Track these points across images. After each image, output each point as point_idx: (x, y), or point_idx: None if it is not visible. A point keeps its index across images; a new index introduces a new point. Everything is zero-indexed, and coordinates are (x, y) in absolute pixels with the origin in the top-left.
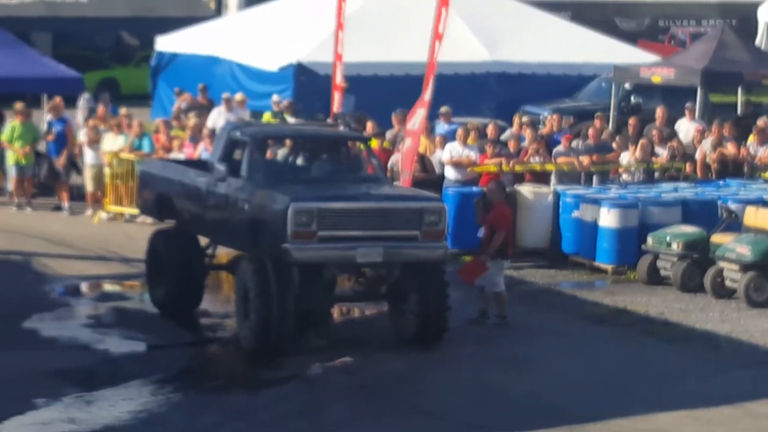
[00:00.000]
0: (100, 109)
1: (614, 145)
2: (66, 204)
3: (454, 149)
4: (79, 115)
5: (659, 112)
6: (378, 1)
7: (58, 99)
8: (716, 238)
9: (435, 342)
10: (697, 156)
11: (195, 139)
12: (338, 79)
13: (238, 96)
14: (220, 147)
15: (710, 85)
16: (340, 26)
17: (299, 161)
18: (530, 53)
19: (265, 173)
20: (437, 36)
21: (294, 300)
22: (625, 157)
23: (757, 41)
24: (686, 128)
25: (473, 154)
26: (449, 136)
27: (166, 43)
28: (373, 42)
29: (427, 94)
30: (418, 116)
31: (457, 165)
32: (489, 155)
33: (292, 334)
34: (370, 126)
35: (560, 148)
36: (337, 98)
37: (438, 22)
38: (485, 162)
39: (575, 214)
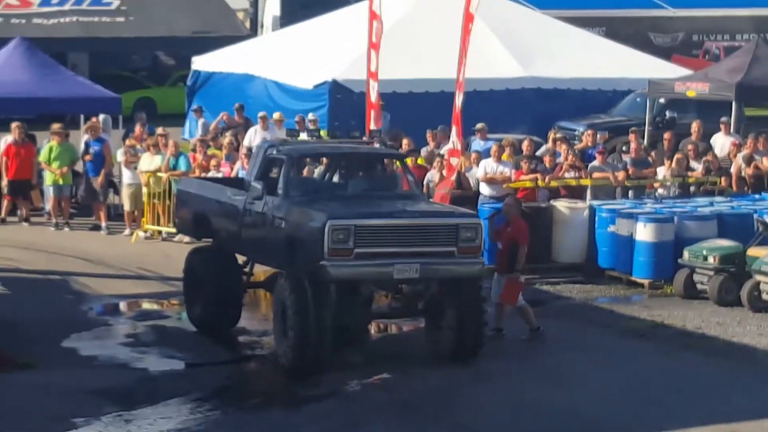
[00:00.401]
0: (137, 128)
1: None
2: (104, 223)
3: (489, 165)
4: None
5: (695, 126)
6: (412, 18)
7: (95, 119)
8: (752, 251)
9: (471, 357)
10: (732, 170)
11: (230, 157)
12: (373, 97)
13: (276, 115)
14: (257, 165)
15: (745, 98)
16: (372, 45)
17: (335, 179)
18: (565, 69)
19: (301, 191)
20: (463, 52)
21: (331, 317)
22: (661, 172)
23: None
24: (721, 142)
25: (507, 171)
26: (485, 153)
27: (202, 63)
28: (408, 59)
29: (457, 109)
30: (452, 134)
31: (492, 181)
32: (525, 171)
33: (329, 351)
34: (405, 143)
35: (595, 163)
36: (372, 115)
37: (465, 38)
38: (521, 178)
39: (611, 228)
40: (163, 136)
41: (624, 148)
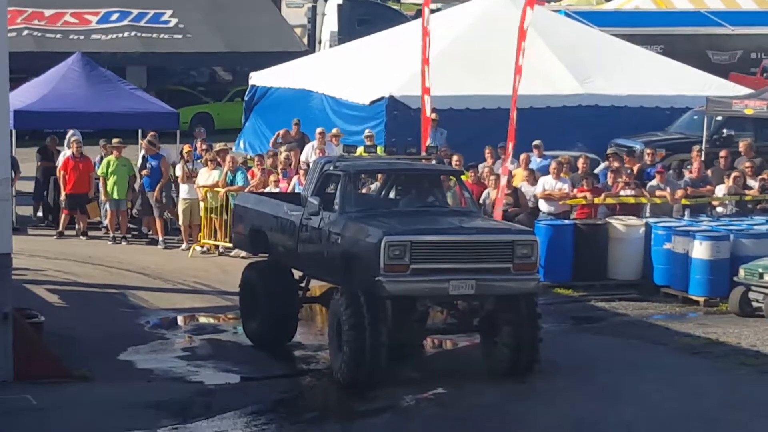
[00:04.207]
0: (198, 144)
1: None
2: (161, 237)
3: (548, 182)
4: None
5: (742, 146)
6: (470, 34)
7: (152, 134)
8: None
9: (527, 374)
10: None
11: (287, 173)
12: (428, 113)
13: (335, 130)
14: (313, 181)
15: None
16: (425, 61)
17: (392, 195)
18: (622, 86)
19: (357, 207)
20: (518, 69)
21: (387, 332)
22: (719, 191)
23: None
24: None
25: (566, 187)
26: (542, 170)
27: (260, 78)
28: (465, 76)
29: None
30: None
31: (549, 198)
32: (586, 188)
33: (385, 366)
34: (456, 159)
35: (654, 182)
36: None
37: (518, 55)
38: (578, 195)
39: (667, 246)
40: (222, 151)
41: (684, 165)
